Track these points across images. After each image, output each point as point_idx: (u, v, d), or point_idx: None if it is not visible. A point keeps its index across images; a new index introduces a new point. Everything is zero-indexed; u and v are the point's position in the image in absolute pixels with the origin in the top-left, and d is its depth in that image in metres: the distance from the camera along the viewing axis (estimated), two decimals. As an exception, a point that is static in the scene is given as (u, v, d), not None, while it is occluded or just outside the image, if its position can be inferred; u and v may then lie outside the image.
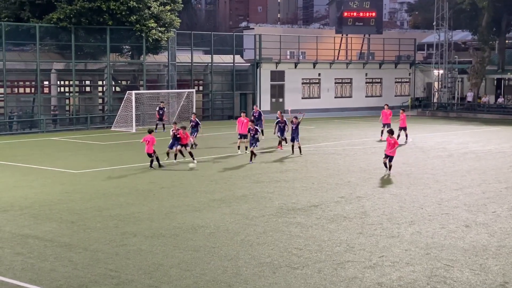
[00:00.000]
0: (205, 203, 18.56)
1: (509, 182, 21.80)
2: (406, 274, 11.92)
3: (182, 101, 47.09)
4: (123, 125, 42.58)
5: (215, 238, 14.63)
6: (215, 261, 12.84)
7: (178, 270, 12.26)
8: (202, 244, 14.07)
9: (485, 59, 59.06)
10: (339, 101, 61.26)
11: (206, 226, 15.76)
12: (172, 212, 17.36)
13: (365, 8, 61.84)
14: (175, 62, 50.19)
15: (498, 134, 39.28)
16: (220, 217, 16.76)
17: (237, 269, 12.33)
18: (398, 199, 19.05)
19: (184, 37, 54.01)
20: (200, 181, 22.43)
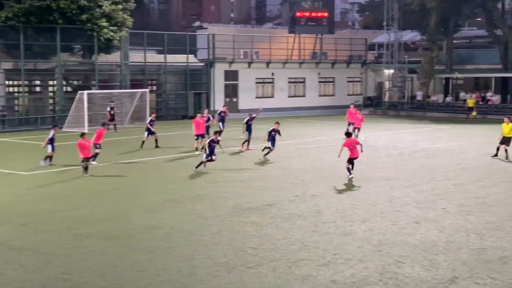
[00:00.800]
0: (160, 204, 18.51)
1: (458, 179, 22.29)
2: (358, 271, 12.12)
3: (135, 101, 46.74)
4: (75, 126, 42.03)
5: (169, 238, 14.61)
6: (170, 261, 12.84)
7: (133, 272, 12.22)
8: (157, 245, 14.03)
9: (433, 59, 60.14)
10: (293, 101, 61.61)
11: (161, 226, 15.72)
12: (126, 213, 17.26)
13: (317, 8, 62.34)
14: (128, 61, 49.78)
15: (446, 132, 40.07)
16: (175, 217, 16.74)
17: (192, 269, 12.35)
18: (351, 197, 19.31)
19: (137, 37, 53.56)
20: (154, 182, 22.34)
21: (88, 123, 41.61)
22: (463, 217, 16.48)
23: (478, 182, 21.82)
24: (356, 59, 66.45)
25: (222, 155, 29.34)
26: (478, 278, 11.64)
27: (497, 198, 18.92)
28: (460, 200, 18.64)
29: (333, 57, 64.47)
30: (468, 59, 63.21)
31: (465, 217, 16.42)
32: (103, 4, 44.45)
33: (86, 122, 41.54)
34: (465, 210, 17.33)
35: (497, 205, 17.97)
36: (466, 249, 13.47)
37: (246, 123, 31.68)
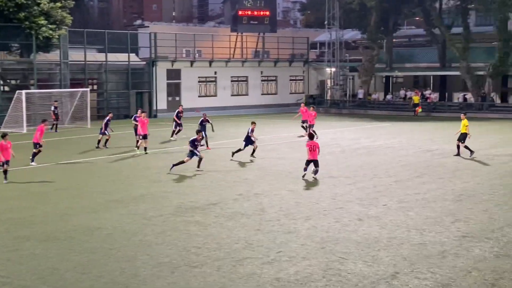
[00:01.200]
0: (102, 204, 18.25)
1: (398, 176, 22.68)
2: (302, 268, 12.20)
3: (75, 101, 46.01)
4: (14, 126, 41.09)
5: (112, 239, 14.42)
6: (113, 262, 12.67)
7: (74, 274, 12.01)
8: (99, 246, 13.84)
9: (374, 58, 61.09)
10: (236, 99, 61.67)
11: (103, 227, 15.50)
12: (67, 214, 16.96)
13: (259, 7, 62.53)
14: (68, 60, 48.94)
15: (387, 130, 40.74)
16: (117, 218, 16.53)
17: (135, 270, 12.22)
18: (294, 195, 19.42)
19: (77, 35, 52.70)
20: (96, 182, 22.03)
21: (27, 123, 40.76)
22: (404, 213, 16.77)
23: (418, 178, 22.25)
24: (298, 58, 66.94)
25: (164, 155, 29.16)
26: (418, 273, 11.86)
27: (436, 194, 19.32)
28: (401, 197, 18.96)
29: (276, 55, 64.78)
30: (408, 58, 64.46)
31: (406, 213, 16.72)
32: (41, 2, 43.56)
33: (25, 122, 40.68)
34: (406, 206, 17.64)
35: (436, 201, 18.36)
36: (407, 245, 13.71)
37: (200, 124, 31.50)
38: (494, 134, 37.66)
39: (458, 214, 16.55)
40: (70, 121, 45.82)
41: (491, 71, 53.91)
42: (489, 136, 36.32)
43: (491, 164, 25.36)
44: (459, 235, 14.45)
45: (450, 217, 16.22)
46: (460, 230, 14.93)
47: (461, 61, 55.19)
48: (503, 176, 22.46)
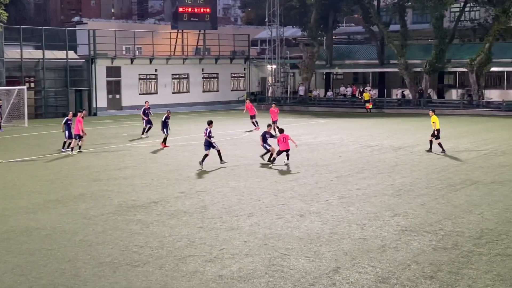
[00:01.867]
0: (40, 204, 17.89)
1: (339, 172, 22.95)
2: (245, 265, 12.22)
3: (12, 99, 44.94)
4: None
5: (51, 240, 14.16)
6: (52, 263, 12.44)
7: (12, 276, 11.74)
8: (38, 247, 13.56)
9: (314, 54, 61.67)
10: (177, 97, 61.35)
11: (42, 228, 15.20)
12: (4, 215, 16.55)
13: (200, 4, 62.31)
14: (3, 58, 47.77)
15: (328, 126, 41.18)
16: (57, 218, 16.23)
17: (75, 270, 12.02)
18: (236, 192, 19.44)
19: (13, 32, 51.48)
20: (34, 182, 21.58)
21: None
22: (345, 208, 16.98)
23: (359, 174, 22.56)
24: (239, 55, 67.02)
25: (104, 154, 28.78)
26: (359, 267, 12.03)
27: (376, 189, 19.63)
28: (342, 192, 19.20)
29: (217, 53, 64.71)
30: (347, 55, 65.33)
31: (347, 209, 16.93)
32: (-25, -3, 42.44)
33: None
34: (347, 201, 17.87)
35: (376, 195, 18.65)
36: (348, 240, 13.89)
37: (163, 121, 31.09)
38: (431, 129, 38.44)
39: (397, 209, 16.86)
40: (6, 120, 44.73)
41: (427, 68, 55.11)
42: (426, 131, 37.09)
43: (428, 159, 25.91)
44: (398, 229, 14.72)
45: (389, 212, 16.51)
46: (399, 224, 15.21)
47: (399, 58, 56.24)
48: (440, 171, 22.98)
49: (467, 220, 15.56)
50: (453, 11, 59.86)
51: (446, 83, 60.05)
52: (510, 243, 13.51)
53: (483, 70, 52.99)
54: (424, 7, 54.14)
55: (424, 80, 56.22)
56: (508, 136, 34.03)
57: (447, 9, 55.01)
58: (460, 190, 19.32)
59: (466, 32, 59.49)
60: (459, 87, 58.80)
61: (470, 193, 18.85)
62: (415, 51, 58.92)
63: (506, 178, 21.33)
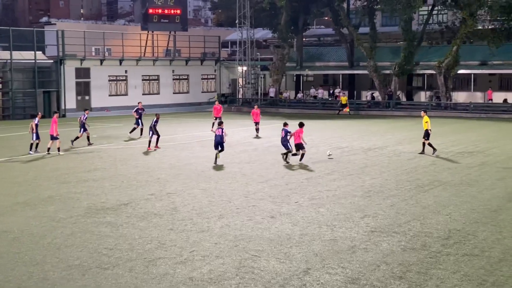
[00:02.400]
0: (8, 207, 17.66)
1: (310, 174, 23.04)
2: (216, 267, 12.20)
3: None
4: None
5: (19, 243, 13.98)
6: (20, 267, 12.29)
7: (-20, 280, 11.58)
8: (5, 250, 13.39)
9: (285, 56, 61.82)
10: (147, 98, 60.94)
11: (9, 231, 15.01)
12: (-29, 219, 16.32)
13: (170, 5, 62.15)
14: (-30, 58, 47.13)
15: (299, 128, 41.24)
16: (25, 220, 16.04)
17: (44, 273, 11.89)
18: (207, 193, 19.40)
19: (-20, 32, 50.84)
20: (1, 184, 21.29)
21: None
22: (315, 210, 17.05)
23: (329, 175, 22.67)
24: (209, 57, 66.96)
25: (75, 155, 28.52)
26: (329, 268, 12.09)
27: (346, 190, 19.75)
28: (312, 194, 19.27)
29: (187, 54, 64.57)
30: (318, 57, 65.65)
31: (317, 210, 17.00)
32: None
33: None
34: (317, 203, 17.94)
35: (346, 197, 18.76)
36: (318, 241, 13.94)
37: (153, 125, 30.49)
38: (400, 131, 38.84)
39: (367, 210, 16.98)
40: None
41: (397, 70, 55.58)
42: (396, 133, 37.45)
43: (398, 160, 26.14)
44: (368, 230, 14.82)
45: (359, 213, 16.62)
46: (369, 225, 15.32)
47: (368, 60, 56.66)
48: (409, 172, 23.20)
49: (436, 220, 15.73)
50: (421, 14, 60.51)
51: (415, 85, 60.67)
52: (477, 243, 13.70)
53: (451, 73, 53.63)
54: (393, 10, 54.62)
55: (393, 82, 56.71)
56: (475, 137, 34.50)
57: (415, 12, 55.57)
58: (428, 191, 19.53)
59: (434, 35, 60.15)
60: (428, 89, 59.46)
61: (438, 194, 19.07)
62: (385, 53, 59.43)
63: (473, 179, 21.61)
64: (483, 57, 55.25)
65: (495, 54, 53.12)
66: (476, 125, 42.61)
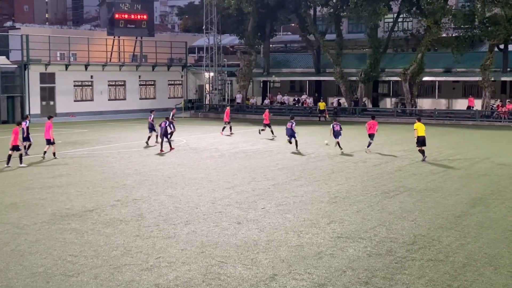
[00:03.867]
0: (-30, 214, 17.36)
1: (276, 180, 23.07)
2: (182, 273, 12.14)
3: None
4: None
5: (-18, 250, 13.76)
6: (-17, 275, 12.09)
7: None
8: (-32, 258, 13.16)
9: (251, 62, 61.95)
10: (113, 104, 60.64)
11: (-28, 238, 14.76)
12: None
13: (137, 10, 61.90)
14: None
15: (265, 134, 41.31)
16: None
17: (7, 281, 11.71)
18: (173, 200, 19.31)
19: None
20: (-37, 191, 20.93)
21: None
22: (282, 215, 17.08)
23: (295, 181, 22.73)
24: (176, 62, 66.79)
25: (39, 161, 28.16)
26: (296, 274, 12.11)
27: (313, 196, 19.82)
28: (279, 200, 19.30)
29: (154, 60, 64.33)
30: (284, 63, 65.91)
31: (284, 216, 17.03)
32: None
33: None
34: (284, 209, 17.97)
35: (313, 203, 18.83)
36: (285, 247, 13.96)
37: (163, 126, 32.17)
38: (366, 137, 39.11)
39: (333, 216, 17.06)
40: None
41: (363, 77, 56.08)
42: (362, 139, 37.70)
43: (363, 167, 26.33)
44: (334, 236, 14.89)
45: (326, 219, 16.69)
46: (335, 231, 15.40)
47: (335, 66, 57.07)
48: (375, 178, 23.38)
49: (401, 226, 15.87)
50: (387, 21, 61.16)
51: (381, 91, 61.25)
52: (442, 248, 13.85)
53: (416, 80, 54.29)
54: (359, 17, 55.12)
55: (360, 88, 57.20)
56: (439, 144, 34.92)
57: (381, 20, 56.15)
58: (394, 197, 19.70)
59: (400, 42, 60.90)
60: (393, 96, 60.09)
61: (403, 200, 19.24)
62: (351, 60, 59.92)
63: (438, 185, 21.87)
64: (447, 65, 56.04)
65: (459, 62, 53.94)
66: (440, 132, 43.14)
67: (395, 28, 58.77)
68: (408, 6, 55.55)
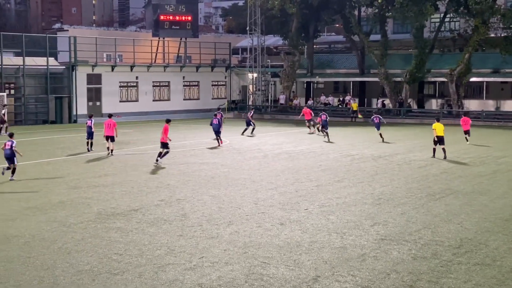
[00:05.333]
0: (19, 212, 17.73)
1: (320, 181, 22.99)
2: (225, 273, 12.19)
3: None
4: None
5: (30, 247, 14.03)
6: (31, 271, 12.32)
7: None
8: (16, 255, 13.43)
9: (295, 63, 61.83)
10: (157, 104, 61.20)
11: (21, 235, 15.06)
12: (-18, 223, 16.39)
13: (181, 12, 62.33)
14: (-17, 64, 47.44)
15: (309, 135, 41.24)
16: (36, 225, 16.10)
17: (54, 278, 11.92)
18: (216, 200, 19.40)
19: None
20: (13, 189, 21.39)
21: None
22: (325, 217, 17.01)
23: (339, 182, 22.62)
24: (220, 63, 67.03)
25: (85, 161, 28.59)
26: (339, 276, 12.04)
27: (356, 198, 19.69)
28: (322, 201, 19.23)
29: (198, 61, 64.69)
30: (328, 64, 65.60)
31: (327, 217, 16.96)
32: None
33: None
34: (327, 210, 17.90)
35: (356, 204, 18.71)
36: (328, 248, 13.90)
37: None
38: (411, 139, 38.73)
39: (377, 218, 16.92)
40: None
41: (408, 78, 55.46)
42: (407, 140, 37.34)
43: (408, 168, 26.05)
44: (378, 238, 14.76)
45: (369, 221, 16.56)
46: (379, 233, 15.26)
47: (379, 67, 56.57)
48: (420, 180, 23.11)
49: (447, 229, 15.65)
50: (433, 21, 60.38)
51: (426, 93, 60.48)
52: (489, 252, 13.61)
53: (463, 80, 53.46)
54: (404, 17, 54.50)
55: (404, 89, 56.57)
56: (486, 146, 34.33)
57: (427, 20, 55.45)
58: (439, 200, 19.44)
59: (446, 42, 60.01)
60: (439, 97, 59.28)
61: (449, 203, 18.98)
62: (396, 60, 59.31)
63: (485, 187, 21.50)
64: (496, 65, 55.03)
65: (507, 62, 52.92)
66: (488, 133, 42.43)
67: (442, 28, 57.95)
68: (455, 6, 54.75)
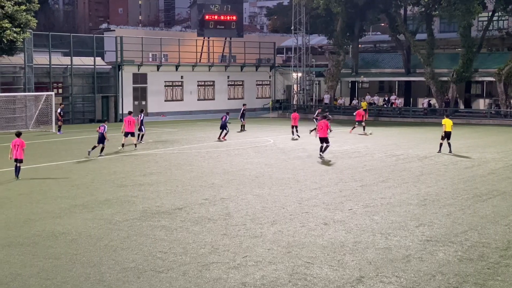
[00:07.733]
0: (66, 209, 18.05)
1: (364, 181, 22.84)
2: (269, 273, 12.20)
3: (40, 105, 45.50)
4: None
5: (77, 244, 14.27)
6: (77, 268, 12.53)
7: (38, 279, 11.85)
8: (63, 252, 13.67)
9: (340, 63, 61.54)
10: (202, 104, 61.62)
11: (67, 232, 15.33)
12: (30, 220, 16.73)
13: (226, 11, 62.60)
14: (32, 64, 48.39)
15: (353, 135, 41.00)
16: (82, 223, 16.36)
17: (100, 275, 12.10)
18: (260, 199, 19.43)
19: (42, 38, 52.19)
20: (60, 187, 21.78)
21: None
22: (369, 217, 16.89)
23: (383, 183, 22.43)
24: (264, 63, 67.12)
25: (131, 159, 28.95)
26: (383, 277, 11.95)
27: (401, 198, 19.51)
28: (366, 201, 19.10)
29: (242, 60, 64.88)
30: (373, 63, 65.10)
31: (371, 218, 16.84)
32: (5, 4, 42.99)
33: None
34: (371, 210, 17.77)
35: (401, 205, 18.53)
36: (372, 249, 13.80)
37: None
38: (458, 139, 38.16)
39: (422, 218, 16.73)
40: (34, 125, 45.29)
41: (455, 77, 54.69)
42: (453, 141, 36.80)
43: (454, 169, 25.69)
44: (423, 239, 14.60)
45: (414, 221, 16.39)
46: (424, 234, 15.09)
47: (425, 67, 55.91)
48: (467, 181, 22.77)
49: (494, 231, 15.39)
50: (481, 20, 59.43)
51: (473, 92, 59.56)
52: (537, 255, 13.34)
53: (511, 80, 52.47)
54: (451, 16, 53.80)
55: (451, 89, 55.81)
56: (536, 146, 33.63)
57: (474, 18, 54.60)
58: (486, 201, 19.12)
59: (494, 41, 59.00)
60: (487, 97, 58.31)
61: (496, 204, 18.65)
62: (442, 60, 58.54)
63: (534, 189, 21.07)
64: (545, 64, 53.87)
65: (557, 61, 51.78)
66: (537, 133, 41.55)
67: (490, 27, 56.99)
68: (503, 4, 53.78)
